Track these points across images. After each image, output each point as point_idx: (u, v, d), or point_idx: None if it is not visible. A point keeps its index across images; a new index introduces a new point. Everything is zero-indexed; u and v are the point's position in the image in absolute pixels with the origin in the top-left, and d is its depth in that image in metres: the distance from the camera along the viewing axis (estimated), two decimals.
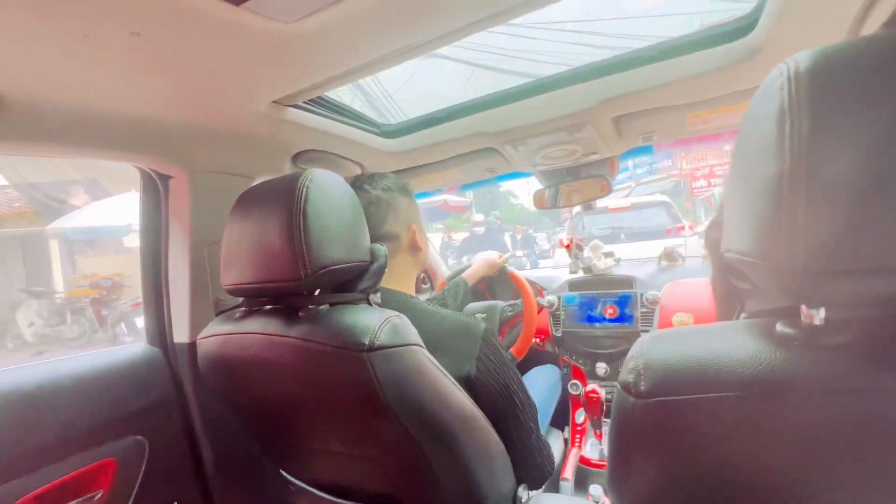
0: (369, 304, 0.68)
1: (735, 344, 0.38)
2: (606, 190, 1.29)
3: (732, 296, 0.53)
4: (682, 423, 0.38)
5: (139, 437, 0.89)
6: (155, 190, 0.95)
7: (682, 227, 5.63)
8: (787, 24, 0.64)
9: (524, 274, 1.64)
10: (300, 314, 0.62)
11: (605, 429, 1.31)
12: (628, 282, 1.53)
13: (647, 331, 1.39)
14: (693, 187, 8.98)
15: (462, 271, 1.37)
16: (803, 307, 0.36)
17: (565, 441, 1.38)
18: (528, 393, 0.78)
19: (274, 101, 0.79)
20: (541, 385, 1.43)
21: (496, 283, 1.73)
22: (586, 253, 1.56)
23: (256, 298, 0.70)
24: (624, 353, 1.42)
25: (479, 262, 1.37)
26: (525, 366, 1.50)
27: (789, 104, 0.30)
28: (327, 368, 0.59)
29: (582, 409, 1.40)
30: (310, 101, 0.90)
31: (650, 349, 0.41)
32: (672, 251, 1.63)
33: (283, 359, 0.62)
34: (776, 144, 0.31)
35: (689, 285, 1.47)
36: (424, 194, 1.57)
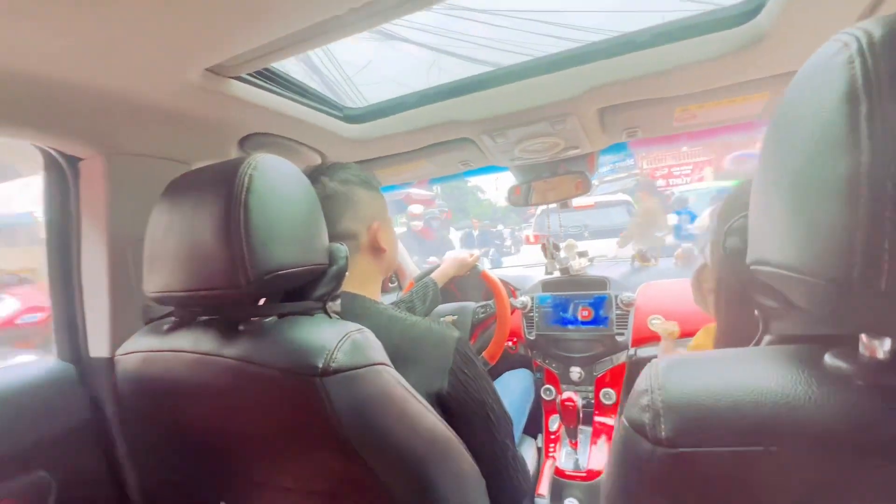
0: (327, 314, 0.59)
1: (775, 380, 0.30)
2: (585, 187, 1.23)
3: (749, 313, 0.47)
4: (714, 480, 0.30)
5: (43, 474, 0.74)
6: (60, 175, 0.78)
7: None
8: (796, 9, 0.59)
9: (495, 273, 1.57)
10: (240, 328, 0.53)
11: (581, 437, 1.26)
12: (602, 283, 1.49)
13: (621, 334, 1.36)
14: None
15: (431, 271, 1.28)
16: (863, 336, 0.29)
17: (539, 450, 1.32)
18: (503, 407, 0.71)
19: (209, 70, 0.65)
20: (513, 391, 1.37)
21: (467, 283, 1.65)
22: (563, 253, 1.50)
23: (188, 308, 0.59)
24: (598, 357, 1.38)
25: (448, 262, 1.29)
26: (497, 370, 1.44)
27: (864, 82, 0.23)
28: (272, 396, 0.49)
29: (556, 415, 1.35)
30: (258, 74, 0.77)
31: (668, 381, 0.33)
32: (645, 252, 1.61)
33: (216, 383, 0.52)
34: (846, 134, 0.24)
35: (662, 286, 1.45)
36: (389, 188, 1.46)
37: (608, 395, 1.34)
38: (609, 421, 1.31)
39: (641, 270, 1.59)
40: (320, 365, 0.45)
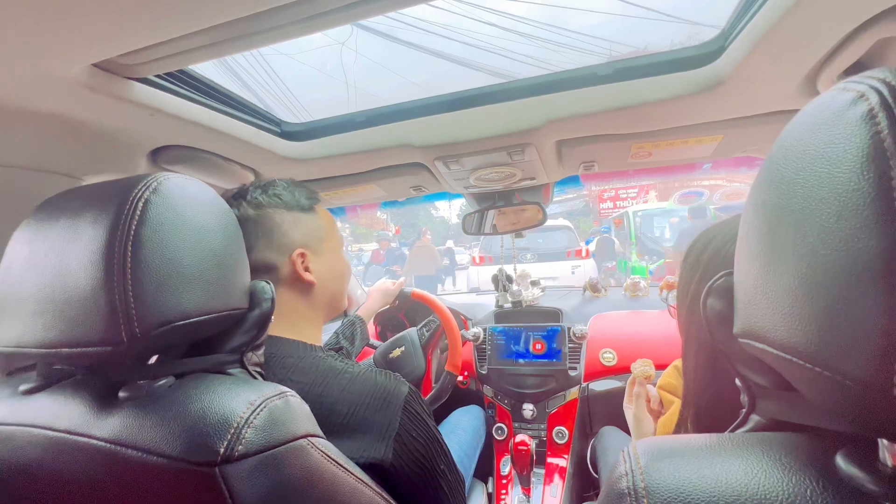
0: (246, 369, 0.48)
1: (781, 484, 0.25)
2: (540, 219, 1.19)
3: (727, 383, 0.42)
4: None
5: None
6: None
7: (580, 251, 6.14)
8: (756, 56, 0.58)
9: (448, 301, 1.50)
10: (121, 394, 0.41)
11: (534, 480, 1.19)
12: (555, 314, 1.46)
13: (574, 368, 1.32)
14: (600, 208, 9.72)
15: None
16: (884, 441, 0.24)
17: (489, 496, 1.23)
18: (455, 468, 0.62)
19: (97, 67, 0.53)
20: (464, 430, 1.28)
21: (415, 309, 1.57)
22: (515, 286, 1.45)
23: (52, 366, 0.46)
24: (551, 393, 1.34)
25: (372, 295, 1.19)
26: (447, 407, 1.35)
27: (894, 142, 0.19)
28: (157, 493, 0.37)
29: (508, 457, 1.27)
30: (171, 78, 0.65)
31: (651, 470, 0.28)
32: (596, 283, 1.61)
33: (80, 475, 0.39)
34: (875, 204, 0.19)
35: (612, 318, 1.45)
36: (333, 210, 1.35)
37: (561, 434, 1.29)
38: (561, 462, 1.26)
39: (593, 301, 1.58)
40: (221, 449, 0.35)
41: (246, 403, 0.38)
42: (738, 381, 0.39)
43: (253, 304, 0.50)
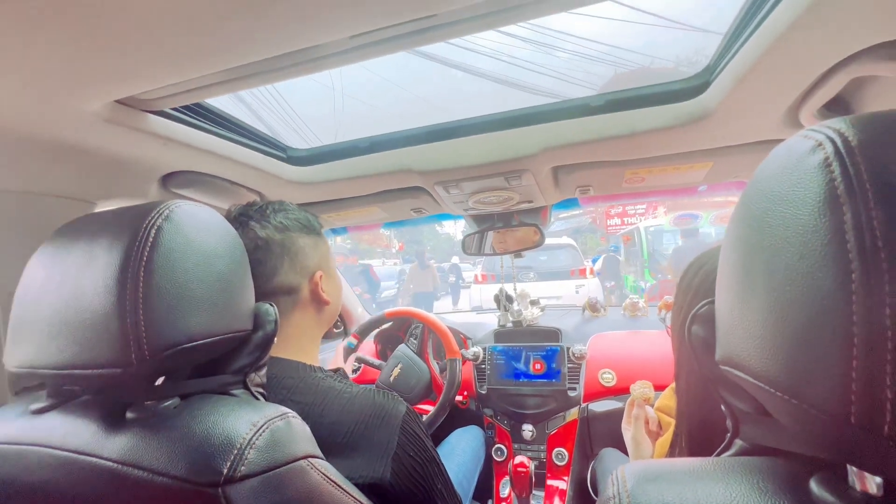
0: (248, 390, 0.49)
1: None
2: (538, 241, 1.22)
3: (714, 406, 0.44)
4: None
5: None
6: None
7: (584, 270, 6.11)
8: (741, 89, 0.61)
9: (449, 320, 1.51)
10: (128, 415, 0.42)
11: (534, 502, 1.18)
12: (554, 334, 1.47)
13: (573, 388, 1.32)
14: (608, 225, 9.68)
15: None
16: (852, 467, 0.26)
17: None
18: (452, 489, 0.63)
19: (120, 102, 0.56)
20: (463, 451, 1.27)
21: (411, 328, 1.58)
22: (516, 305, 1.47)
23: (62, 387, 0.48)
24: (551, 414, 1.34)
25: (336, 353, 1.22)
26: (447, 427, 1.34)
27: (846, 188, 0.21)
28: None
29: (507, 478, 1.27)
30: (185, 110, 0.69)
31: (638, 494, 0.29)
32: (595, 302, 1.62)
33: (87, 494, 0.41)
34: (829, 243, 0.21)
35: (612, 338, 1.45)
36: (338, 230, 1.38)
37: (561, 456, 1.28)
38: (561, 484, 1.25)
39: (592, 320, 1.59)
40: (225, 470, 0.36)
41: (249, 424, 0.39)
42: (723, 407, 0.40)
43: (257, 325, 0.52)
